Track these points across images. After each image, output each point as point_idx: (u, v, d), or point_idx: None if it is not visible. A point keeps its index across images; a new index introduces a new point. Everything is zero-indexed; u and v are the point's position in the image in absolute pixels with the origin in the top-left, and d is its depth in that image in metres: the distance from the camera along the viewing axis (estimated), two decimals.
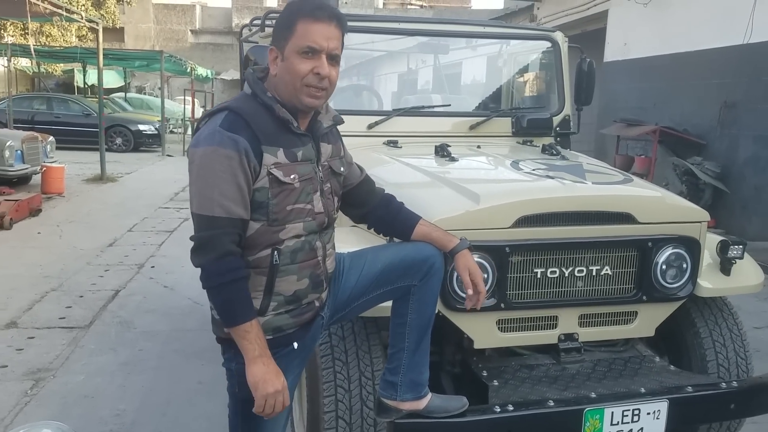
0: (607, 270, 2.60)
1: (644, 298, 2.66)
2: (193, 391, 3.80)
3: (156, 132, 19.63)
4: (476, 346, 2.56)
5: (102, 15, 22.60)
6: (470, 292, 2.15)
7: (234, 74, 30.43)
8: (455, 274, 2.43)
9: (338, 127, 2.24)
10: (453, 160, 3.00)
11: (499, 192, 2.66)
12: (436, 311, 2.42)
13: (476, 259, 2.43)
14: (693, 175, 9.05)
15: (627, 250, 2.62)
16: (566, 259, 2.55)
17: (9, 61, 16.61)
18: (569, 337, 2.65)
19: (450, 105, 3.76)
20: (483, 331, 2.54)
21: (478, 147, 3.33)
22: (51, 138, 12.24)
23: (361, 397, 2.49)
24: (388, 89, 4.74)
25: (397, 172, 2.98)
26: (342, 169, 2.17)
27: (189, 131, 21.21)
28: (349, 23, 2.17)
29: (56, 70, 26.81)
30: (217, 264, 1.83)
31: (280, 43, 1.95)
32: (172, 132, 24.71)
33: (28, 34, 20.64)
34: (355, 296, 2.22)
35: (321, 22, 1.92)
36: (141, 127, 19.42)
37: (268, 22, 3.62)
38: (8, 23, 19.62)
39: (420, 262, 2.18)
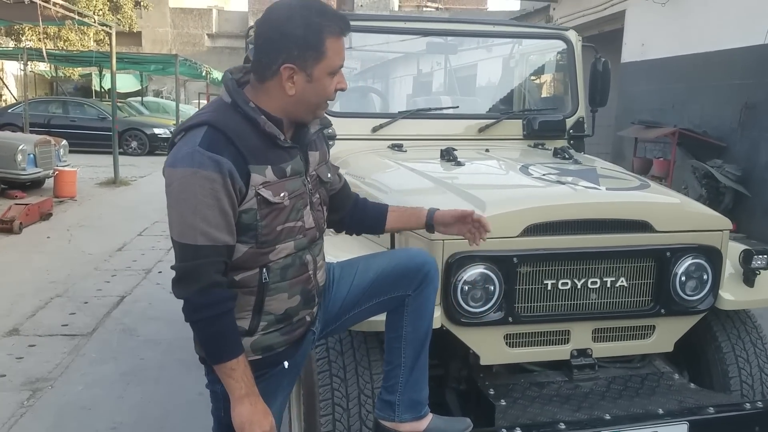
0: (622, 281, 2.45)
1: (662, 311, 2.49)
2: (193, 402, 3.68)
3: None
4: (483, 362, 2.41)
5: (119, 19, 22.74)
6: (469, 210, 2.10)
7: None
8: (459, 285, 2.29)
9: (338, 130, 2.10)
10: (459, 164, 2.85)
11: (506, 199, 2.51)
12: (440, 326, 2.29)
13: (482, 270, 2.30)
14: (713, 179, 8.82)
15: (644, 261, 2.46)
16: (579, 270, 2.39)
17: (25, 65, 16.66)
18: (582, 352, 2.49)
19: (458, 107, 3.61)
20: (490, 347, 2.40)
21: (487, 150, 3.18)
22: (64, 142, 12.23)
23: (360, 416, 2.34)
24: (394, 91, 4.61)
25: (401, 177, 2.84)
26: (329, 175, 2.04)
27: None
28: (355, 23, 2.05)
29: (74, 74, 26.96)
30: (202, 296, 1.69)
31: (306, 62, 1.76)
32: None
33: (46, 38, 20.82)
34: (346, 308, 2.09)
35: (345, 36, 1.82)
36: (156, 130, 19.44)
37: None
38: (27, 28, 19.75)
39: (414, 270, 2.06)
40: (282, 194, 1.78)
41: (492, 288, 2.31)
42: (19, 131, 14.88)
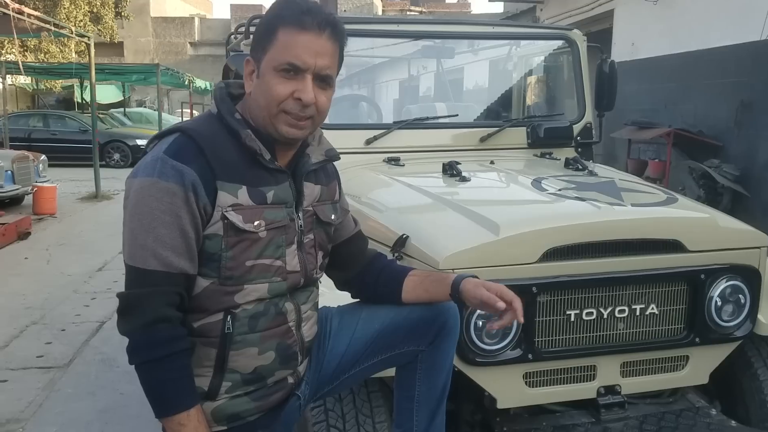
0: (652, 308, 2.19)
1: (697, 339, 2.24)
2: None
3: None
4: (500, 405, 2.13)
5: (100, 30, 22.38)
6: (501, 304, 1.62)
7: None
8: (472, 321, 2.01)
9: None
10: (463, 179, 2.58)
11: (521, 219, 2.24)
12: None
13: None
14: (710, 179, 8.61)
15: (676, 284, 2.20)
16: (604, 298, 2.13)
17: (3, 79, 16.27)
18: (610, 389, 2.22)
19: (457, 115, 3.34)
20: (507, 388, 2.12)
21: (492, 162, 2.91)
22: (43, 157, 11.86)
23: None
24: (388, 99, 4.34)
25: (400, 195, 2.56)
26: (333, 217, 1.73)
27: None
28: (354, 27, 1.75)
29: (55, 87, 26.53)
30: (146, 334, 1.41)
31: (258, 53, 1.52)
32: None
33: (26, 50, 20.43)
34: (345, 366, 1.78)
35: (308, 31, 1.49)
36: (139, 141, 19.01)
37: (252, 28, 3.22)
38: (6, 41, 19.34)
39: (428, 320, 1.75)
40: (257, 222, 1.50)
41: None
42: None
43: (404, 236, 2.16)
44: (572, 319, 2.12)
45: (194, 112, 22.64)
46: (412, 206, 2.44)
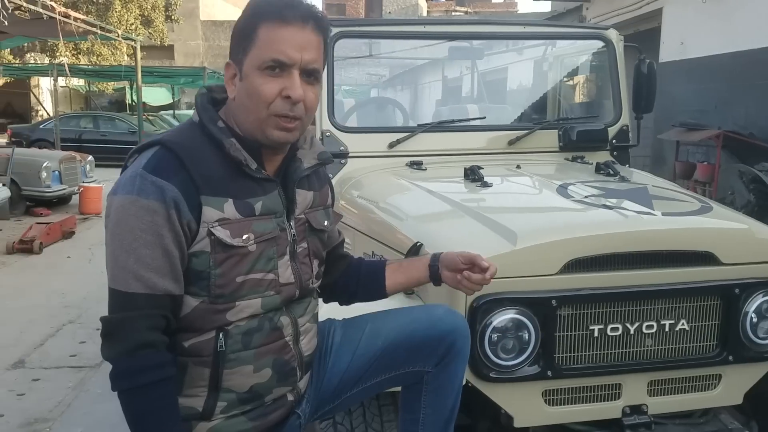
0: (683, 324, 2.05)
1: (730, 358, 2.09)
2: None
3: None
4: (517, 424, 2.02)
5: (150, 33, 22.81)
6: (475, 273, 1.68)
7: None
8: (487, 334, 1.91)
9: (351, 147, 1.75)
10: (485, 185, 2.47)
11: (542, 228, 2.13)
12: (464, 382, 1.92)
13: (514, 315, 1.92)
14: (762, 183, 8.26)
15: (708, 299, 2.06)
16: (631, 312, 2.01)
17: (55, 80, 16.72)
18: (636, 409, 2.09)
19: (485, 117, 3.23)
20: (525, 406, 2.01)
21: (518, 167, 2.79)
22: (90, 157, 12.11)
23: None
24: (414, 102, 4.24)
25: (418, 201, 2.47)
26: (326, 223, 1.66)
27: None
28: (370, 28, 1.68)
29: (107, 89, 27.17)
30: (129, 360, 1.34)
31: (238, 55, 1.46)
32: None
33: (79, 53, 20.97)
34: (347, 384, 1.69)
35: (291, 24, 1.42)
36: None
37: None
38: (58, 44, 19.87)
39: (435, 340, 1.65)
40: (245, 236, 1.43)
41: (526, 336, 1.94)
42: (51, 146, 14.96)
43: (418, 244, 2.08)
44: (596, 334, 2.00)
45: None
46: (429, 213, 2.35)
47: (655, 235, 2.04)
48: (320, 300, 2.04)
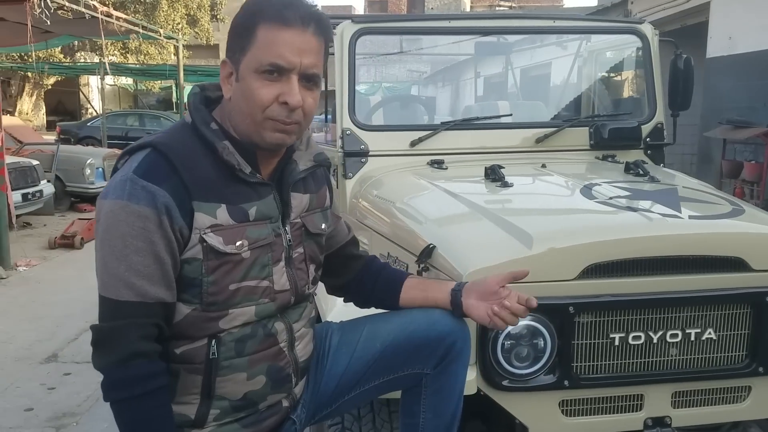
0: (710, 333, 1.94)
1: (760, 369, 1.97)
2: None
3: None
4: None
5: (196, 33, 23.12)
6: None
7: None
8: (499, 341, 1.83)
9: (372, 145, 1.72)
10: (506, 185, 2.39)
11: (560, 231, 2.03)
12: (475, 390, 1.85)
13: (529, 321, 1.84)
14: None
15: (737, 307, 1.95)
16: (655, 320, 1.91)
17: (102, 79, 17.08)
18: (659, 422, 1.99)
19: (511, 115, 3.13)
20: (541, 416, 1.93)
21: (543, 166, 2.70)
22: None
23: None
24: (438, 99, 4.16)
25: (435, 201, 2.40)
26: (323, 226, 1.61)
27: None
28: (395, 25, 1.62)
29: (154, 87, 27.64)
30: (121, 370, 1.31)
31: (236, 54, 1.41)
32: None
33: (127, 52, 21.39)
34: (344, 388, 1.65)
35: (291, 27, 1.37)
36: None
37: None
38: (108, 43, 20.29)
39: (433, 341, 1.60)
40: (239, 242, 1.39)
41: (542, 344, 1.86)
42: (97, 144, 15.29)
43: (431, 246, 2.01)
44: (617, 342, 1.90)
45: None
46: (444, 214, 2.28)
47: (681, 240, 1.93)
48: (331, 300, 2.01)
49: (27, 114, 21.47)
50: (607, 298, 1.87)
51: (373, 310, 1.80)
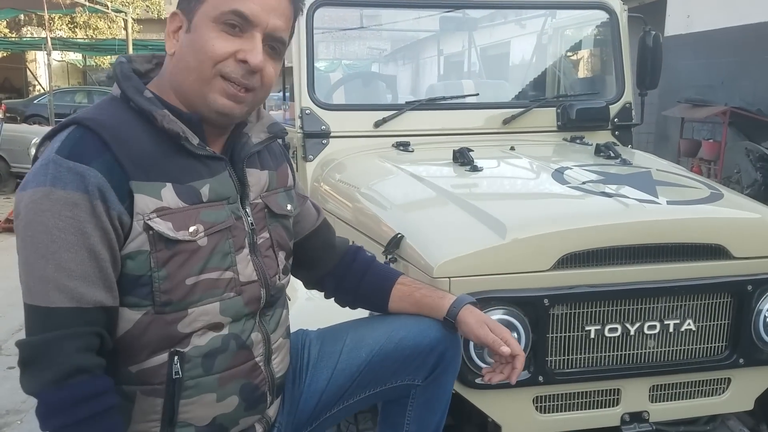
0: (689, 324, 1.86)
1: (741, 361, 1.90)
2: None
3: None
4: None
5: (147, 6, 22.44)
6: (506, 349, 1.41)
7: None
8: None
9: (334, 126, 1.65)
10: (475, 169, 2.26)
11: (533, 219, 1.92)
12: None
13: (502, 315, 1.73)
14: None
15: (717, 297, 1.87)
16: (632, 311, 1.81)
17: (48, 54, 16.41)
18: (636, 416, 1.90)
19: (478, 95, 3.01)
20: (514, 414, 1.83)
21: (512, 149, 2.58)
22: None
23: None
24: (402, 77, 4.01)
25: (399, 186, 2.27)
26: (289, 207, 1.43)
27: None
28: None
29: (104, 63, 26.80)
30: (59, 391, 1.10)
31: (189, 3, 1.21)
32: None
33: (75, 27, 20.65)
34: (326, 404, 1.49)
35: None
36: None
37: None
38: (56, 17, 19.50)
39: (425, 349, 1.46)
40: (192, 228, 1.20)
41: (515, 338, 1.75)
42: (45, 122, 14.74)
43: (398, 235, 1.89)
44: (592, 335, 1.81)
45: None
46: (412, 200, 2.15)
47: (659, 227, 1.84)
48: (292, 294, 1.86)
49: None
50: (583, 289, 1.77)
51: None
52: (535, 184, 2.31)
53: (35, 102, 18.90)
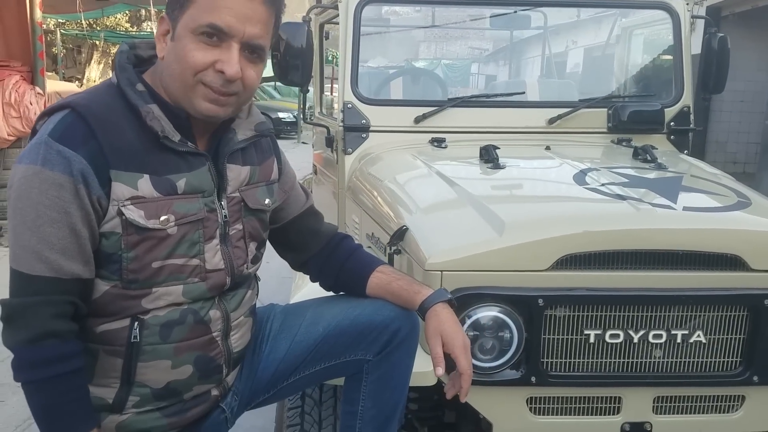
0: (699, 336, 1.78)
1: (755, 378, 1.80)
2: None
3: (294, 119, 19.92)
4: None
5: None
6: (439, 371, 1.44)
7: None
8: (464, 331, 1.72)
9: (374, 121, 1.74)
10: (498, 167, 2.24)
11: (535, 218, 1.89)
12: (436, 381, 1.75)
13: (496, 313, 1.72)
14: None
15: (732, 309, 1.78)
16: (636, 318, 1.76)
17: None
18: (638, 428, 1.84)
19: (523, 93, 2.96)
20: (506, 413, 1.82)
21: (547, 148, 2.53)
22: None
23: None
24: (450, 74, 3.98)
25: (422, 182, 2.29)
26: (267, 201, 1.50)
27: None
28: None
29: None
30: (32, 350, 1.23)
31: (174, 11, 1.31)
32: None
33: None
34: (283, 374, 1.56)
35: None
36: (280, 114, 19.76)
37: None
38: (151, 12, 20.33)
39: (378, 326, 1.51)
40: (163, 217, 1.30)
41: (508, 337, 1.74)
42: None
43: (403, 228, 1.91)
44: (591, 340, 1.76)
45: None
46: (425, 195, 2.16)
47: (670, 234, 1.77)
48: (301, 280, 1.93)
49: (95, 81, 21.97)
50: (581, 292, 1.73)
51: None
52: (552, 183, 2.26)
53: None
